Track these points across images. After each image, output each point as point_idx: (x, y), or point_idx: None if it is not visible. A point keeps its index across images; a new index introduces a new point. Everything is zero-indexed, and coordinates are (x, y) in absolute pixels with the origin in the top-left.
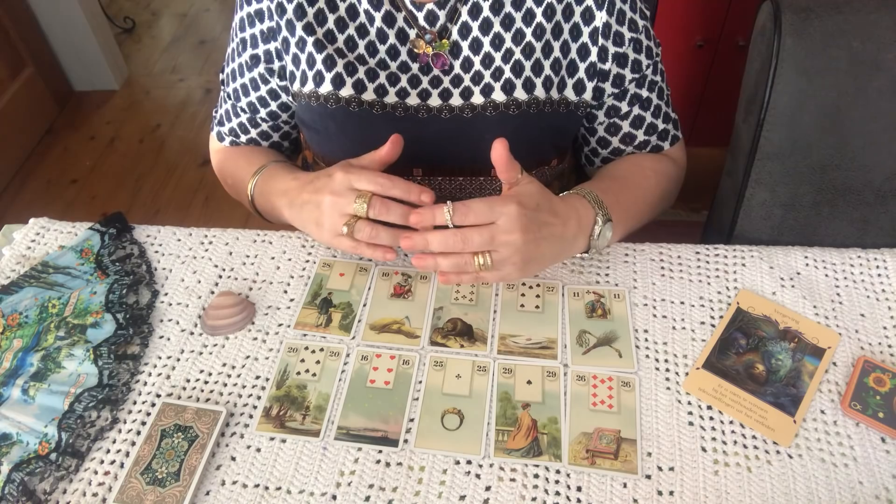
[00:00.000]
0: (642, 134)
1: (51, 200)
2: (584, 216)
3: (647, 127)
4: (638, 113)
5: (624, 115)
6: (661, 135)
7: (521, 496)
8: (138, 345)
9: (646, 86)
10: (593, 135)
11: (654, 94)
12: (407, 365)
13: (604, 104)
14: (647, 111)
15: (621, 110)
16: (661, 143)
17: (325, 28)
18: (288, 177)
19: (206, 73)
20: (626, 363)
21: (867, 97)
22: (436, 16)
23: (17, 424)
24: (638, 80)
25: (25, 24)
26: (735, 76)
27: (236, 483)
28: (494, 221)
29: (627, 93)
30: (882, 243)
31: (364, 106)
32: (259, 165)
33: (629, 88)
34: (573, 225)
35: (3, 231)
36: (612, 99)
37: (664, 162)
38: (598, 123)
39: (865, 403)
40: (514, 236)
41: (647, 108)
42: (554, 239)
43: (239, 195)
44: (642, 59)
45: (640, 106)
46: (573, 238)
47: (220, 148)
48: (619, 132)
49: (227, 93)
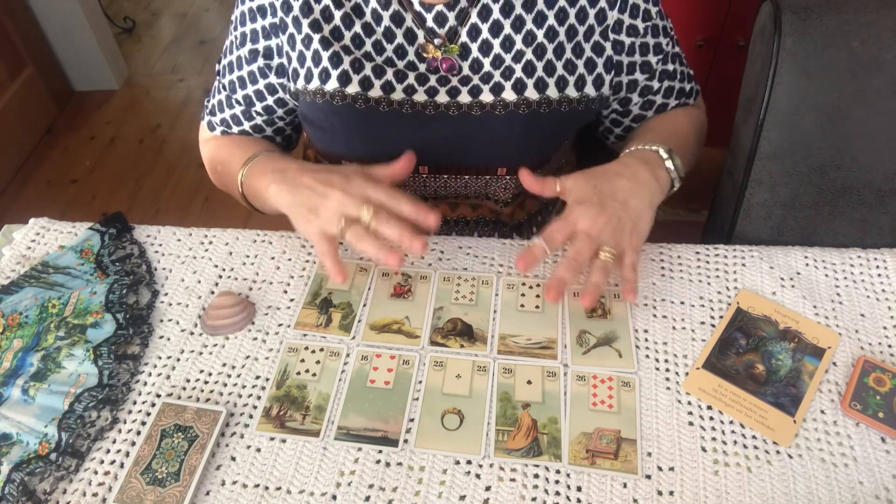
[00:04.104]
0: (673, 100)
1: (51, 200)
2: (647, 157)
3: (676, 93)
4: (668, 84)
5: (657, 91)
6: (688, 94)
7: (521, 496)
8: (138, 345)
9: (669, 60)
10: (627, 115)
11: (676, 64)
12: (407, 365)
13: (638, 85)
14: (675, 80)
15: (654, 88)
16: (688, 101)
17: (332, 25)
18: (288, 160)
19: (206, 73)
20: (626, 363)
21: (867, 97)
22: (445, 17)
23: (17, 424)
24: (662, 58)
25: (25, 24)
26: (735, 76)
27: (236, 483)
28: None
29: (657, 72)
30: (882, 243)
31: (370, 103)
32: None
33: (657, 68)
34: (643, 169)
35: (3, 231)
36: (644, 80)
37: (691, 108)
38: (633, 104)
39: (865, 403)
40: (601, 220)
41: (674, 77)
42: (636, 191)
43: (227, 180)
44: (661, 40)
45: (668, 78)
46: (653, 178)
47: (210, 137)
48: (653, 106)
49: (221, 83)
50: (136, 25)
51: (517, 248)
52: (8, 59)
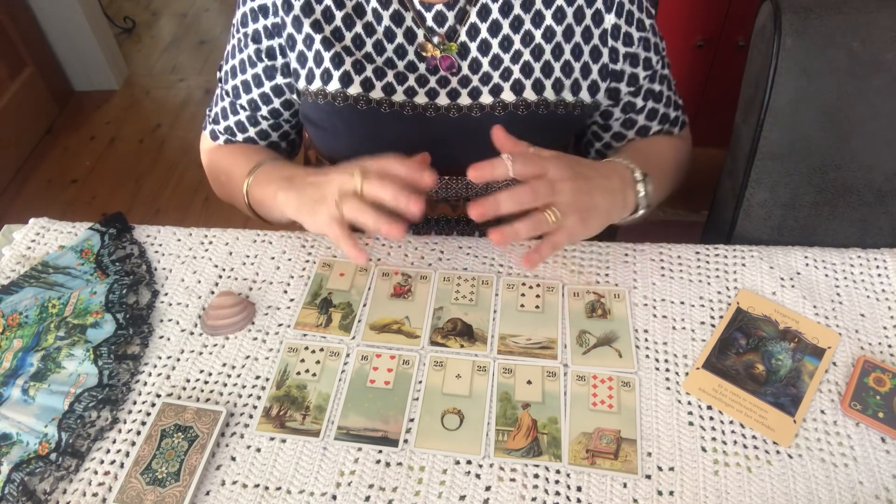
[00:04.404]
0: (656, 124)
1: (51, 200)
2: (622, 171)
3: (660, 117)
4: (652, 106)
5: (639, 110)
6: (673, 121)
7: (521, 496)
8: (138, 345)
9: (657, 80)
10: (608, 131)
11: (664, 87)
12: (407, 365)
13: (620, 101)
14: (660, 103)
15: (637, 106)
16: (672, 129)
17: (333, 25)
18: (294, 167)
19: (206, 73)
20: (626, 363)
21: (867, 97)
22: (444, 16)
23: (17, 424)
24: (650, 76)
25: (25, 24)
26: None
27: (236, 483)
28: (546, 173)
29: (642, 89)
30: (882, 243)
31: (372, 104)
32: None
33: (643, 84)
34: (616, 179)
35: (3, 231)
36: (628, 96)
37: (676, 138)
38: (615, 120)
39: (865, 403)
40: (568, 184)
41: (660, 100)
42: (603, 190)
43: (231, 190)
44: (652, 56)
45: (653, 99)
46: (621, 191)
47: (213, 146)
48: (634, 126)
49: (225, 90)
50: (136, 25)
51: (517, 247)
52: (8, 59)
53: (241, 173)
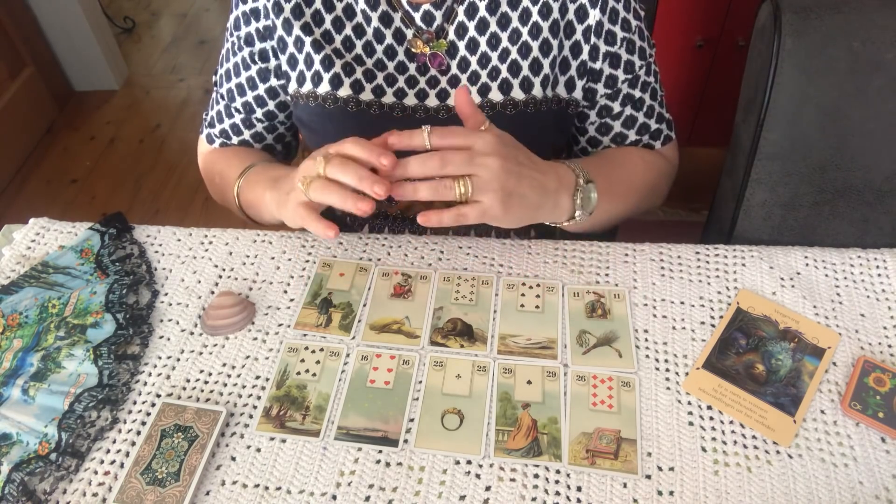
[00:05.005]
0: (634, 133)
1: (51, 200)
2: (563, 174)
3: (639, 127)
4: (630, 113)
5: (616, 116)
6: (654, 134)
7: (521, 496)
8: (138, 345)
9: (638, 86)
10: (583, 134)
11: (646, 95)
12: (407, 365)
13: (596, 104)
14: (640, 111)
15: (613, 110)
16: (653, 143)
17: (323, 28)
18: (284, 168)
19: (206, 73)
20: (626, 363)
21: (867, 97)
22: (432, 16)
23: (17, 424)
24: (630, 80)
25: (25, 24)
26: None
27: (236, 483)
28: (472, 146)
29: (620, 93)
30: (882, 243)
31: (362, 106)
32: (253, 161)
33: (622, 88)
34: (552, 178)
35: (3, 231)
36: (604, 99)
37: (654, 155)
38: (590, 123)
39: (865, 403)
40: (492, 160)
41: (640, 108)
42: (534, 182)
43: (224, 192)
44: (635, 59)
45: (632, 106)
46: (555, 191)
47: (209, 150)
48: (610, 132)
49: (220, 93)
50: (136, 25)
51: (517, 247)
52: (8, 59)
53: (234, 176)
